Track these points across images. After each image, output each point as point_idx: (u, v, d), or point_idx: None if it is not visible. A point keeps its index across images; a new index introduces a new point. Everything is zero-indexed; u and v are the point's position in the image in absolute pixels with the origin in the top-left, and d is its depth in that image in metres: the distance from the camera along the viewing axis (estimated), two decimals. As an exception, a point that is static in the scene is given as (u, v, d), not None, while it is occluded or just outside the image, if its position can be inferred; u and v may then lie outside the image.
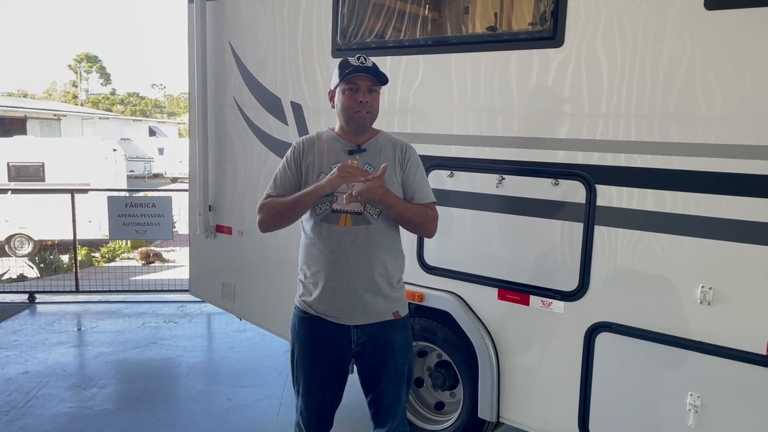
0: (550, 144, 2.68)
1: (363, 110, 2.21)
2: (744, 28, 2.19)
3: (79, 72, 56.87)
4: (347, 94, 2.21)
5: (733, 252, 2.25)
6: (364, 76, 2.20)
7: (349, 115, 2.23)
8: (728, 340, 2.28)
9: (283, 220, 2.28)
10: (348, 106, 2.22)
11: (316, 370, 2.31)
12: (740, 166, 2.21)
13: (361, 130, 2.28)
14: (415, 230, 2.38)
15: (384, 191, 2.14)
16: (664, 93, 2.36)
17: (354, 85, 2.20)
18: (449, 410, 3.34)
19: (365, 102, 2.21)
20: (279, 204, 2.25)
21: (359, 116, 2.22)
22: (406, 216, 2.26)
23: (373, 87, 2.23)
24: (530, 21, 2.97)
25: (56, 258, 10.56)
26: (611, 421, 2.62)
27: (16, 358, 4.82)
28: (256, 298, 4.18)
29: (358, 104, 2.20)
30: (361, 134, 2.29)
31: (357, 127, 2.26)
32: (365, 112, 2.22)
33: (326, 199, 2.22)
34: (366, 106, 2.21)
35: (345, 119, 2.26)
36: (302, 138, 2.38)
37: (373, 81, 2.22)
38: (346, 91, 2.21)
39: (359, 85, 2.20)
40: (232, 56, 4.11)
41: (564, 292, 2.67)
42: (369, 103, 2.22)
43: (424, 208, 2.31)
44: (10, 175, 13.42)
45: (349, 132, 2.29)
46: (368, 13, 3.34)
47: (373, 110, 2.26)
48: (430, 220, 2.32)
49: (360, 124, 2.25)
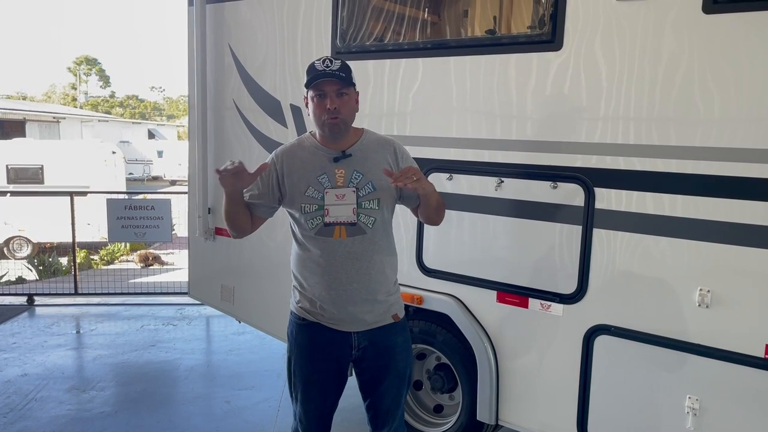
0: (549, 147, 2.68)
1: (332, 116, 2.10)
2: (742, 31, 2.20)
3: (79, 74, 56.87)
4: (315, 102, 2.12)
5: (731, 255, 2.25)
6: (329, 80, 2.09)
7: (321, 122, 2.14)
8: (727, 343, 2.28)
9: (235, 229, 2.28)
10: (318, 114, 2.13)
11: (315, 377, 2.29)
12: (738, 170, 2.21)
13: (337, 137, 2.17)
14: (435, 216, 2.31)
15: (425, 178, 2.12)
16: (662, 96, 2.37)
17: (321, 92, 2.10)
18: (448, 413, 3.34)
19: (333, 108, 2.09)
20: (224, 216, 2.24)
21: (330, 121, 2.11)
22: (438, 200, 2.23)
23: (342, 90, 2.11)
24: (529, 24, 2.98)
25: (55, 260, 10.56)
26: (610, 423, 2.62)
27: (14, 360, 4.82)
28: (255, 300, 4.18)
29: (327, 111, 2.10)
30: (340, 139, 2.19)
31: (331, 134, 2.16)
32: (335, 118, 2.11)
33: (318, 213, 2.15)
34: (335, 112, 2.10)
35: (318, 127, 2.18)
36: (282, 149, 2.28)
37: (340, 84, 2.10)
38: (315, 98, 2.12)
39: (326, 91, 2.09)
40: (231, 59, 4.12)
41: (563, 295, 2.67)
42: (338, 108, 2.10)
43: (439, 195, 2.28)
44: (9, 178, 13.43)
45: (328, 139, 2.20)
46: (368, 16, 3.35)
47: (345, 114, 2.13)
48: (443, 205, 2.30)
49: (333, 130, 2.14)
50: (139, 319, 6.01)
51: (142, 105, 63.21)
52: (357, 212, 2.16)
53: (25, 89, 66.26)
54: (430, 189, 2.17)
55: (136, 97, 64.29)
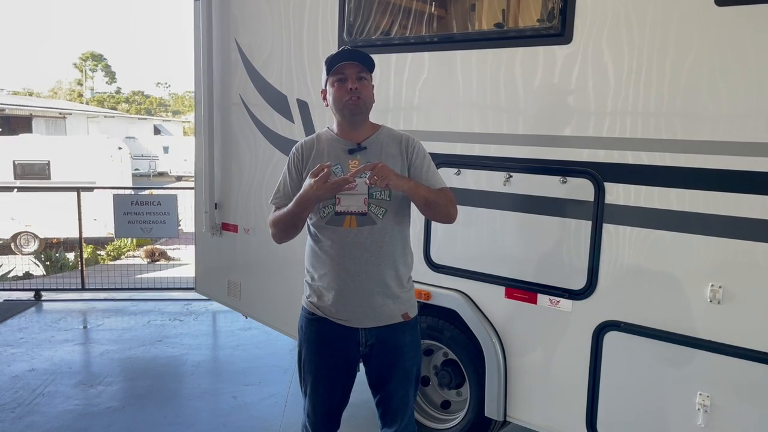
0: (558, 141, 2.66)
1: (354, 96, 2.15)
2: (756, 24, 2.16)
3: (85, 70, 57.10)
4: (336, 86, 2.17)
5: (743, 250, 2.23)
6: (349, 63, 2.15)
7: (342, 104, 2.17)
8: (738, 339, 2.25)
9: (288, 233, 2.25)
10: (339, 96, 2.17)
11: (323, 372, 2.29)
12: (749, 164, 2.19)
13: (357, 119, 2.20)
14: (439, 213, 2.26)
15: (395, 174, 2.10)
16: (672, 90, 2.34)
17: (342, 75, 2.15)
18: (456, 409, 3.32)
19: (355, 89, 2.15)
20: (280, 219, 2.23)
21: (351, 102, 2.15)
22: (427, 196, 2.18)
23: (361, 74, 2.17)
24: (538, 18, 2.96)
25: (62, 256, 10.59)
26: (619, 420, 2.60)
27: (22, 355, 4.83)
28: (261, 296, 4.18)
29: (348, 92, 2.15)
30: (359, 125, 2.23)
31: (351, 116, 2.19)
32: (356, 98, 2.16)
33: (329, 202, 2.16)
34: (356, 92, 2.15)
35: (339, 111, 2.20)
36: (301, 142, 2.32)
37: (359, 67, 2.16)
38: (335, 83, 2.17)
39: (347, 74, 2.15)
40: (237, 54, 4.11)
41: (572, 291, 2.65)
42: (359, 89, 2.16)
43: (441, 190, 2.23)
44: (15, 174, 13.46)
45: (346, 126, 2.22)
46: (374, 10, 3.33)
47: (365, 96, 2.18)
48: (450, 200, 2.24)
49: (353, 110, 2.17)
50: (146, 314, 6.02)
51: (148, 101, 63.35)
52: (368, 203, 2.16)
53: (31, 85, 66.68)
54: (407, 186, 2.14)
55: (142, 93, 64.51)
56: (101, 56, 58.33)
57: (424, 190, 2.19)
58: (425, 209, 2.23)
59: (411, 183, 2.17)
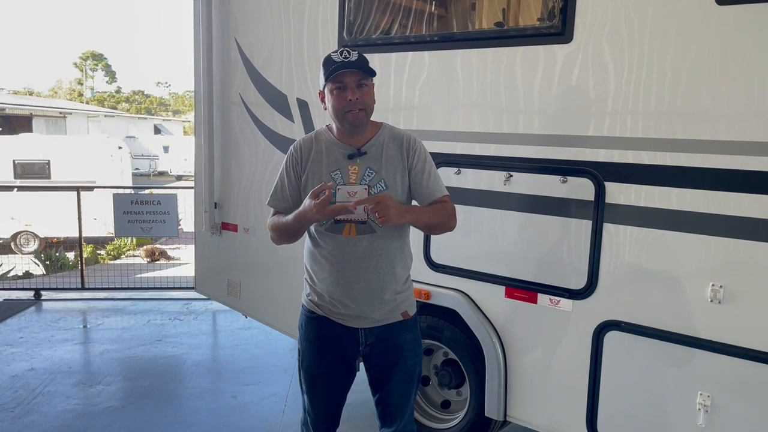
0: (558, 141, 2.65)
1: (355, 108, 2.07)
2: (756, 23, 2.16)
3: (85, 70, 57.09)
4: (335, 94, 2.07)
5: (743, 250, 2.22)
6: (349, 71, 2.06)
7: (342, 115, 2.09)
8: (739, 339, 2.25)
9: (287, 241, 2.24)
10: (338, 107, 2.08)
11: (322, 370, 2.29)
12: (750, 163, 2.18)
13: (357, 130, 2.14)
14: (440, 230, 2.26)
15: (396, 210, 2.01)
16: (672, 89, 2.34)
17: (341, 84, 2.06)
18: (456, 409, 3.32)
19: (355, 99, 2.06)
20: (279, 228, 2.21)
21: (352, 116, 2.08)
22: (428, 222, 2.17)
23: (362, 81, 2.08)
24: (538, 17, 2.95)
25: (62, 255, 10.58)
26: (619, 420, 2.60)
27: (21, 355, 4.83)
28: (261, 295, 4.17)
29: (349, 103, 2.06)
30: (359, 134, 2.16)
31: (352, 128, 2.12)
32: (357, 110, 2.07)
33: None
34: (357, 104, 2.06)
35: (338, 120, 2.12)
36: (299, 141, 2.25)
37: (360, 75, 2.07)
38: (334, 90, 2.07)
39: (346, 83, 2.06)
40: (237, 53, 4.10)
41: (572, 291, 2.65)
42: (360, 99, 2.07)
43: (442, 206, 2.18)
44: (15, 173, 13.47)
45: (346, 133, 2.16)
46: (374, 9, 3.32)
47: (366, 106, 2.10)
48: (450, 214, 2.21)
49: (354, 123, 2.10)
50: (146, 313, 6.01)
51: (148, 100, 63.32)
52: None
53: (31, 85, 66.67)
54: (409, 219, 2.12)
55: (142, 92, 64.47)
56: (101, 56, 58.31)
57: (426, 216, 2.16)
58: (427, 231, 2.25)
59: (412, 215, 2.14)
